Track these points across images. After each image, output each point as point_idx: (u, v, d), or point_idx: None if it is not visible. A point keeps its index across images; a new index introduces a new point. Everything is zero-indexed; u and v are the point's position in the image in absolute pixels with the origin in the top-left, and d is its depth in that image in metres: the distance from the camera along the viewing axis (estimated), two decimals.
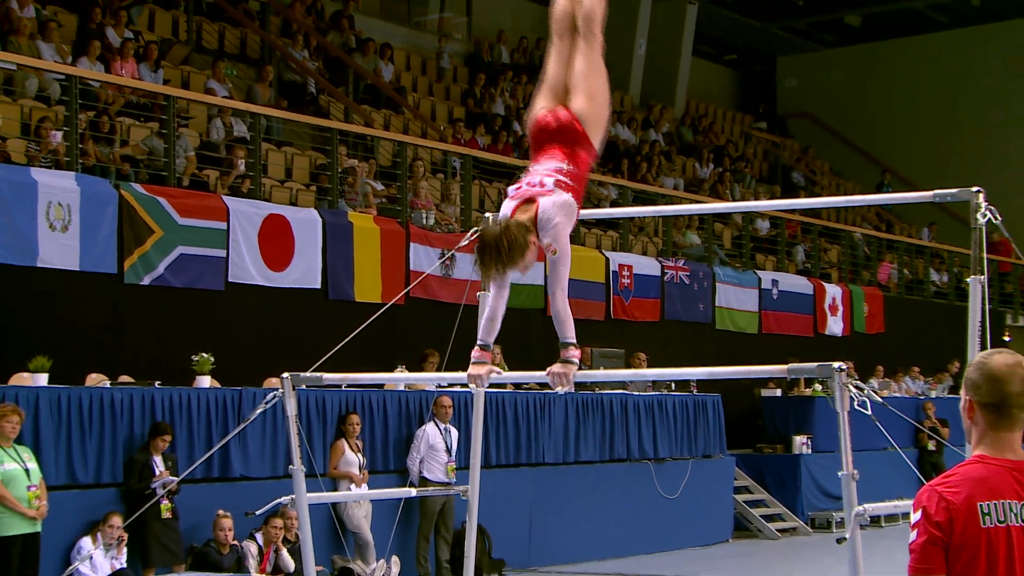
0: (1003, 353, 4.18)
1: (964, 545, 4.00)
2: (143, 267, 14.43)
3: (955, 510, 4.01)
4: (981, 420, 4.14)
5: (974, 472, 4.10)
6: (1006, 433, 4.11)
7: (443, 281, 17.16)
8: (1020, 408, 4.10)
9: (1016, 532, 4.02)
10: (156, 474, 12.32)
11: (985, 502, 4.02)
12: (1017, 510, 4.04)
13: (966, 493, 4.04)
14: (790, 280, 24.49)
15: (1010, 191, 31.05)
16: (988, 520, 4.01)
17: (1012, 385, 4.08)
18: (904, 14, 37.09)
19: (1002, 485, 4.06)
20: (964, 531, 4.01)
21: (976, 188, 7.88)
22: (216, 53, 20.77)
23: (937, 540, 4.01)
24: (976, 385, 4.13)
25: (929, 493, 4.07)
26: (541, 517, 16.61)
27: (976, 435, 4.17)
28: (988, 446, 4.13)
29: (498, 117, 24.85)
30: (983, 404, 4.12)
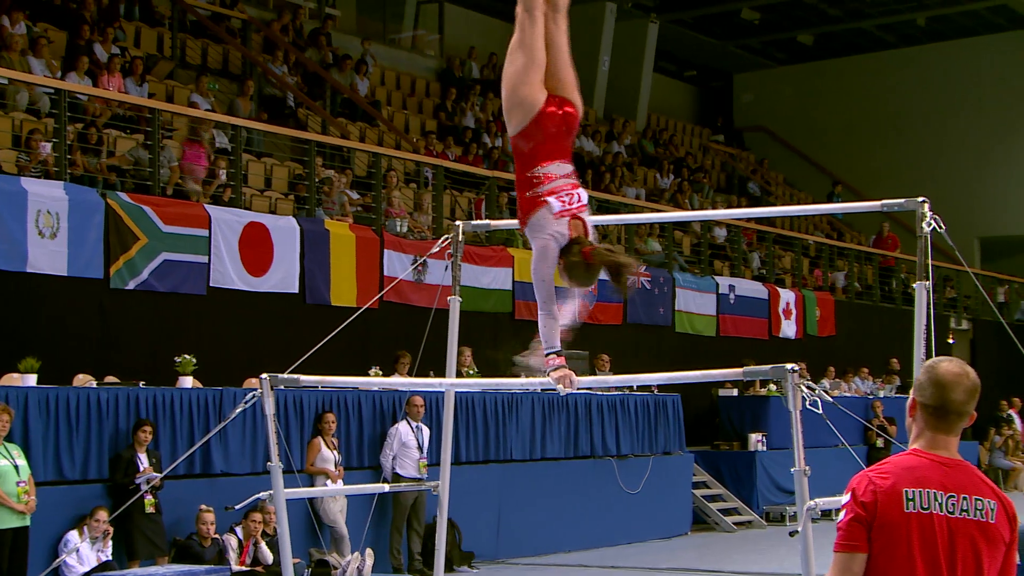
0: (952, 362, 4.41)
1: (886, 526, 4.20)
2: (128, 272, 14.57)
3: (880, 493, 4.19)
4: (922, 420, 4.35)
5: (905, 462, 4.27)
6: (943, 435, 4.33)
7: (415, 286, 17.33)
8: (959, 415, 4.33)
9: (939, 520, 4.22)
10: (140, 470, 12.49)
11: (910, 489, 4.20)
12: (942, 500, 4.23)
13: (893, 479, 4.21)
14: (746, 285, 24.74)
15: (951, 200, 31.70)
16: (911, 506, 4.20)
17: (955, 392, 4.31)
18: (854, 34, 37.57)
19: (929, 476, 4.24)
20: (887, 513, 4.19)
21: (921, 198, 8.17)
22: (199, 68, 20.96)
23: (862, 519, 4.20)
24: (923, 387, 4.35)
25: (860, 477, 4.26)
26: (509, 511, 16.80)
27: (915, 432, 4.37)
28: (924, 443, 4.32)
29: (468, 130, 25.18)
30: (925, 405, 4.33)
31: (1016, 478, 27.93)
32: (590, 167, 27.24)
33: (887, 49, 38.31)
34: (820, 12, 36.02)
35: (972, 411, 4.38)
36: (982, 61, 36.86)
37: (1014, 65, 36.65)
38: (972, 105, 36.85)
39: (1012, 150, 36.39)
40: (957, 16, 36.24)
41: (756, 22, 35.98)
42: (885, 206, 8.61)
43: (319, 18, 25.52)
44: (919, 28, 36.76)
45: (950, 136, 36.80)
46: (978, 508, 4.30)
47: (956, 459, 4.35)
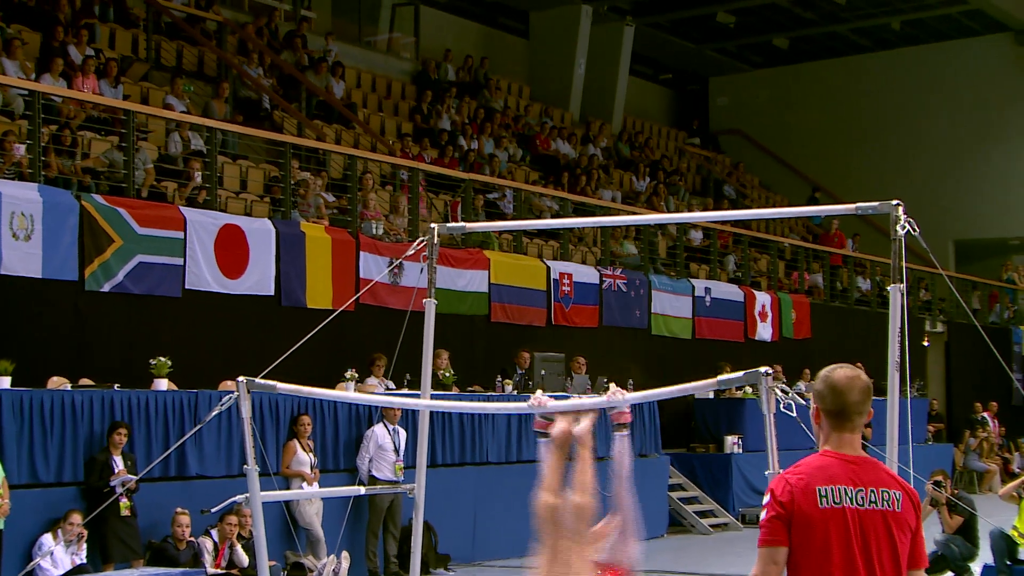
0: (844, 368, 4.88)
1: (803, 521, 4.70)
2: (103, 275, 14.54)
3: (796, 492, 4.70)
4: (826, 424, 4.87)
5: (816, 463, 4.80)
6: (847, 434, 4.83)
7: (391, 288, 17.35)
8: (858, 415, 4.82)
9: (851, 512, 4.72)
10: (115, 473, 12.45)
11: (823, 486, 4.71)
12: (852, 494, 4.73)
13: (807, 479, 4.72)
14: (722, 288, 24.81)
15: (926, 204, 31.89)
16: (824, 502, 4.70)
17: (851, 396, 4.82)
18: (829, 37, 37.81)
19: (839, 473, 4.75)
20: (803, 510, 4.69)
21: (896, 202, 8.21)
22: (174, 70, 20.94)
23: (782, 516, 4.71)
24: (822, 396, 4.86)
25: (778, 480, 4.78)
26: (485, 514, 16.81)
27: (823, 436, 4.88)
28: (832, 444, 4.83)
29: (444, 132, 25.23)
30: (827, 411, 4.85)
31: (991, 480, 28.05)
32: (566, 170, 27.35)
33: (862, 53, 38.54)
34: (795, 16, 36.18)
35: (869, 409, 4.85)
36: (957, 65, 37.08)
37: (989, 69, 36.89)
38: (947, 109, 37.07)
39: (987, 154, 36.61)
40: (932, 20, 36.45)
41: (732, 26, 36.13)
42: (860, 209, 8.63)
43: (294, 20, 25.54)
44: (894, 32, 36.99)
45: (925, 139, 37.04)
46: (885, 499, 4.76)
47: (862, 456, 4.84)
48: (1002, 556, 15.09)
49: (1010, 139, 36.61)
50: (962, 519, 15.42)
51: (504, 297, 19.62)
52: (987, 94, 36.79)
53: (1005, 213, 36.67)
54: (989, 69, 36.92)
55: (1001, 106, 36.69)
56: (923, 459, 19.41)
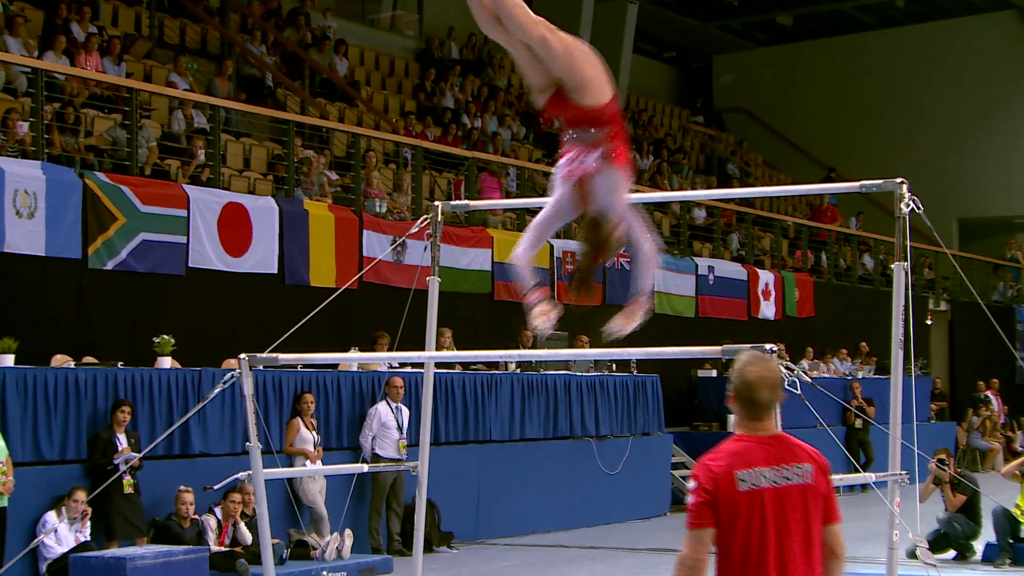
0: (756, 365, 5.20)
1: (727, 505, 5.03)
2: (107, 252, 14.52)
3: (719, 478, 5.05)
4: (739, 411, 5.21)
5: (732, 448, 5.14)
6: (757, 421, 5.18)
7: (394, 267, 17.33)
8: (766, 408, 5.18)
9: (768, 492, 5.07)
10: (119, 450, 12.47)
11: (741, 471, 5.05)
12: (769, 475, 5.08)
13: (727, 464, 5.07)
14: (725, 266, 24.82)
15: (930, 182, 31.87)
16: (743, 485, 5.04)
17: (760, 393, 5.15)
18: (833, 15, 37.76)
19: (754, 456, 5.09)
20: (726, 494, 5.03)
21: (900, 179, 8.23)
22: (177, 48, 20.91)
23: (708, 501, 5.03)
24: (735, 387, 5.20)
25: (700, 466, 5.13)
26: (488, 492, 16.85)
27: (737, 420, 5.23)
28: (744, 429, 5.19)
29: (448, 110, 25.18)
30: (740, 399, 5.19)
31: (993, 459, 28.08)
32: None
33: (867, 30, 38.48)
34: None
35: (779, 397, 5.22)
36: (962, 42, 37.01)
37: (993, 46, 36.82)
38: (952, 86, 37.01)
39: (991, 131, 36.56)
40: None
41: (736, 3, 36.09)
42: (864, 187, 8.65)
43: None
44: (898, 9, 36.94)
45: (929, 117, 37.00)
46: (798, 474, 5.12)
47: (775, 435, 5.22)
48: (1004, 534, 15.12)
49: (1014, 117, 36.56)
50: (965, 497, 15.44)
51: (508, 275, 19.59)
52: (991, 72, 36.73)
53: (1009, 191, 36.65)
54: (993, 47, 36.85)
55: (1005, 84, 36.65)
56: (926, 437, 19.37)
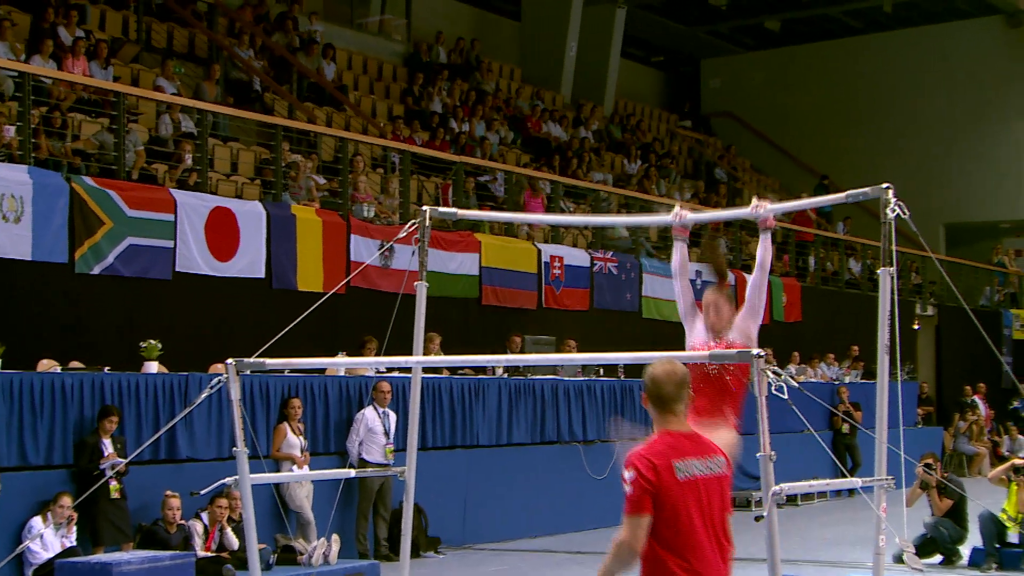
0: (663, 364, 5.73)
1: (665, 493, 5.48)
2: (93, 257, 14.50)
3: (659, 468, 5.49)
4: (654, 409, 5.71)
5: (666, 442, 5.62)
6: (674, 416, 5.68)
7: (382, 271, 17.34)
8: (676, 402, 5.67)
9: (701, 481, 5.58)
10: (105, 456, 12.45)
11: (678, 461, 5.55)
12: (699, 465, 5.60)
13: (665, 456, 5.54)
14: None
15: (917, 187, 31.98)
16: (680, 474, 5.53)
17: (666, 388, 5.67)
18: (821, 20, 37.84)
19: (685, 448, 5.61)
20: (666, 484, 5.49)
21: (886, 185, 8.20)
22: (165, 52, 20.88)
23: (648, 491, 5.46)
24: (647, 387, 5.72)
25: (639, 458, 5.54)
26: (475, 496, 16.84)
27: (655, 418, 5.72)
28: (666, 424, 5.67)
29: (435, 115, 25.19)
30: (650, 396, 5.71)
31: (980, 463, 28.13)
32: (557, 152, 27.35)
33: (854, 35, 38.59)
34: None
35: (688, 395, 5.72)
36: (949, 47, 37.12)
37: (981, 51, 36.93)
38: (939, 91, 37.11)
39: (979, 137, 36.67)
40: (924, 2, 36.52)
41: (724, 7, 36.11)
42: (850, 196, 8.64)
43: (286, 2, 25.46)
44: (886, 14, 37.00)
45: (917, 122, 37.10)
46: (717, 465, 5.68)
47: (691, 431, 5.76)
48: (991, 539, 15.14)
49: (1001, 122, 36.67)
50: (951, 502, 15.47)
51: (495, 280, 19.62)
52: (979, 76, 36.84)
53: (995, 196, 36.77)
54: (981, 51, 36.96)
55: (992, 89, 36.76)
56: (913, 442, 19.39)
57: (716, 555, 5.63)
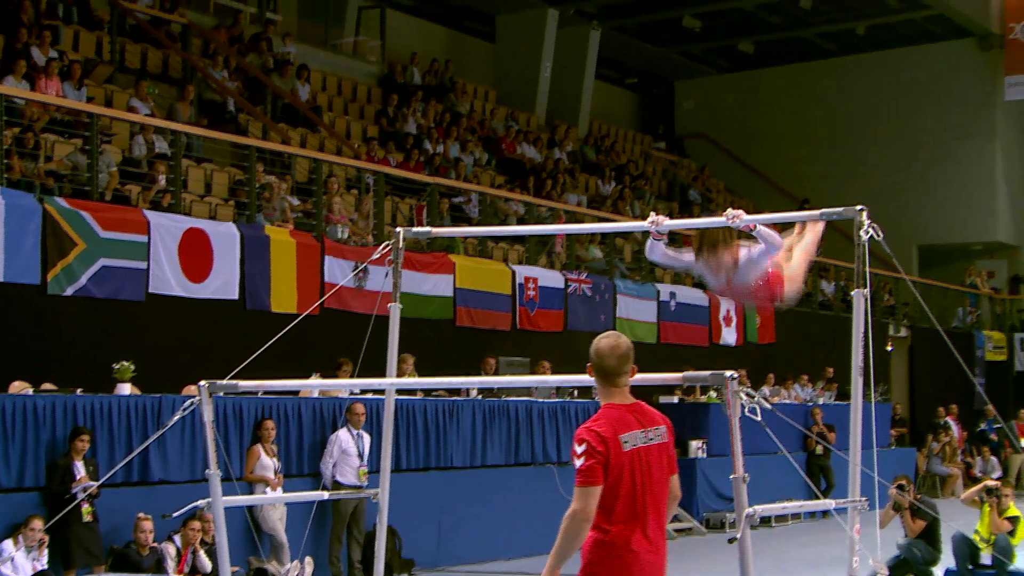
0: (608, 337, 6.16)
1: (615, 464, 5.90)
2: (66, 278, 14.42)
3: (608, 441, 5.90)
4: (599, 382, 6.13)
5: (611, 415, 6.03)
6: (616, 388, 6.11)
7: (356, 292, 17.28)
8: (619, 375, 6.09)
9: (643, 451, 6.03)
10: (77, 478, 12.36)
11: (623, 433, 5.96)
12: (641, 436, 6.02)
13: (612, 429, 5.94)
14: (687, 292, 24.79)
15: (891, 208, 32.15)
16: (627, 446, 5.96)
17: (609, 360, 6.07)
18: (794, 42, 38.03)
19: (628, 420, 6.02)
20: (615, 454, 5.90)
21: (859, 207, 8.21)
22: (139, 73, 20.83)
23: (600, 462, 5.88)
24: (591, 358, 6.10)
25: (587, 432, 5.94)
26: (450, 519, 16.75)
27: (601, 391, 6.15)
28: (610, 398, 6.10)
29: (410, 136, 25.19)
30: (595, 369, 6.12)
31: (953, 484, 28.21)
32: (532, 173, 27.38)
33: (827, 57, 38.79)
34: (761, 20, 36.34)
35: (631, 368, 6.12)
36: (921, 70, 37.35)
37: (952, 74, 37.18)
38: (911, 113, 37.34)
39: (951, 159, 36.88)
40: (896, 25, 36.72)
41: (697, 30, 36.26)
42: (824, 215, 8.64)
43: (260, 23, 25.47)
44: (859, 37, 37.26)
45: (890, 144, 37.32)
46: (658, 434, 6.12)
47: (634, 402, 6.15)
48: (964, 560, 15.16)
49: (973, 144, 36.90)
50: (925, 523, 15.48)
51: (469, 301, 19.62)
52: (951, 99, 37.08)
53: (968, 218, 36.99)
54: (953, 74, 37.21)
55: (965, 111, 37.00)
56: (887, 463, 19.46)
57: (653, 521, 6.06)
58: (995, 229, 37.49)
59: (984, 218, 37.20)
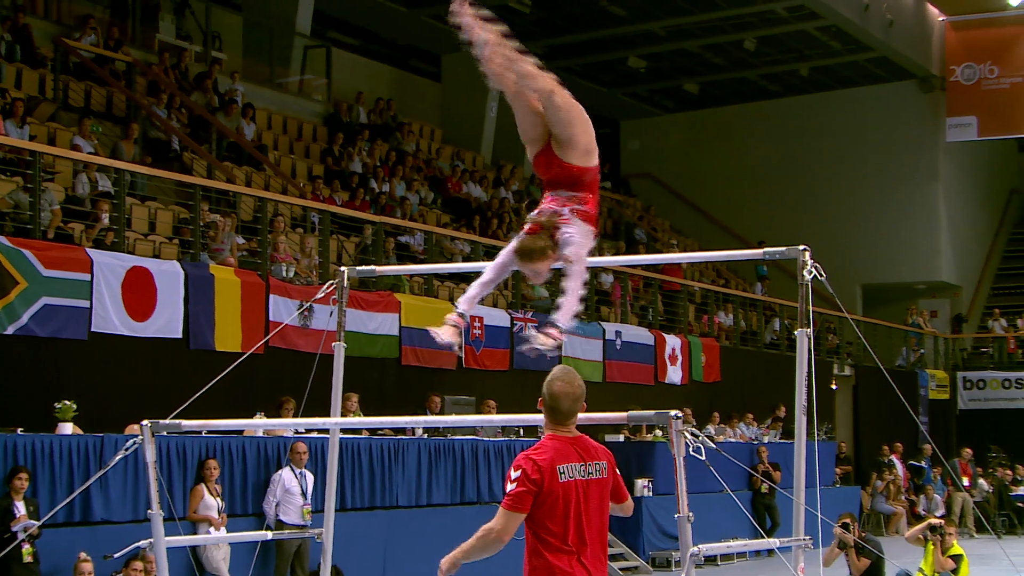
0: (563, 377, 6.24)
1: (549, 493, 6.02)
2: (7, 317, 14.24)
3: (544, 470, 6.03)
4: (548, 417, 6.24)
5: (552, 445, 6.16)
6: (563, 424, 6.23)
7: (301, 331, 17.23)
8: (569, 416, 6.22)
9: (580, 484, 6.12)
10: (16, 518, 12.23)
11: (561, 464, 6.08)
12: (580, 469, 6.13)
13: (550, 458, 6.08)
14: (632, 332, 24.86)
15: (835, 248, 32.43)
16: (563, 476, 6.07)
17: (563, 403, 6.19)
18: (738, 83, 38.39)
19: (568, 453, 6.15)
20: (549, 484, 6.03)
21: (803, 247, 8.26)
22: (82, 111, 20.69)
23: (531, 490, 6.02)
24: (545, 398, 6.21)
25: (525, 460, 6.09)
26: (395, 558, 16.67)
27: (547, 423, 6.26)
28: (554, 430, 6.23)
29: (355, 175, 25.19)
30: (547, 407, 6.22)
31: (897, 522, 28.35)
32: (478, 213, 27.40)
33: (771, 98, 39.16)
34: (705, 61, 36.66)
35: (581, 407, 6.25)
36: (864, 111, 37.81)
37: (894, 115, 37.64)
38: (854, 154, 37.73)
39: (893, 199, 37.26)
40: (839, 67, 37.14)
41: (642, 70, 36.52)
42: (767, 254, 8.70)
43: (205, 62, 25.40)
44: (802, 78, 37.66)
45: (834, 183, 37.70)
46: (598, 469, 6.21)
47: (577, 435, 6.26)
48: None
49: (915, 184, 37.31)
50: (869, 561, 15.53)
51: (415, 340, 19.56)
52: (894, 140, 37.51)
53: (911, 258, 37.38)
54: (895, 115, 37.67)
55: (907, 151, 37.45)
56: (831, 502, 19.55)
57: (594, 553, 6.16)
58: (938, 269, 37.88)
59: (927, 258, 37.59)
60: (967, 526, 27.61)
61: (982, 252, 41.22)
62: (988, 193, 41.66)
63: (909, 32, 35.85)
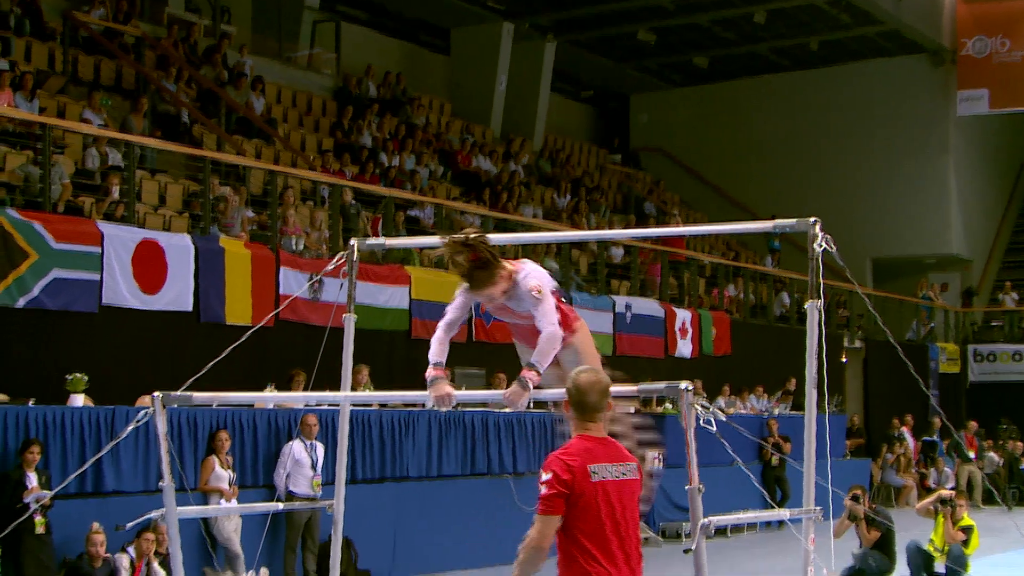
0: (588, 373, 6.15)
1: (580, 495, 5.86)
2: (18, 290, 14.32)
3: (575, 471, 5.88)
4: (574, 415, 6.09)
5: (582, 446, 6.00)
6: (592, 423, 6.08)
7: (311, 304, 17.27)
8: (596, 409, 6.07)
9: (612, 484, 5.97)
10: (29, 489, 12.30)
11: (592, 465, 5.93)
12: (611, 469, 5.98)
13: (580, 459, 5.92)
14: (642, 304, 24.80)
15: (845, 221, 32.35)
16: (595, 477, 5.91)
17: (590, 396, 6.06)
18: (748, 57, 38.24)
19: (600, 453, 6.00)
20: (581, 485, 5.87)
21: (813, 219, 8.17)
22: (92, 84, 20.70)
23: (563, 492, 5.85)
24: (570, 393, 6.09)
25: (555, 461, 5.92)
26: (405, 529, 16.72)
27: (574, 423, 6.10)
28: (584, 430, 6.06)
29: (365, 148, 25.17)
30: (573, 402, 6.09)
31: (907, 495, 28.38)
32: (487, 186, 27.40)
33: (781, 72, 39.04)
34: (715, 35, 36.53)
35: (607, 403, 6.10)
36: (874, 84, 37.65)
37: (904, 89, 37.50)
38: (865, 128, 37.63)
39: (904, 173, 37.18)
40: (849, 41, 36.98)
41: (652, 44, 36.39)
42: (777, 227, 8.66)
43: (214, 35, 25.39)
44: (812, 52, 37.50)
45: (843, 158, 37.57)
46: (629, 470, 6.07)
47: (606, 437, 6.14)
48: (918, 570, 15.28)
49: (926, 158, 37.20)
50: (879, 533, 15.58)
51: (425, 313, 19.58)
52: (904, 113, 37.39)
53: (922, 232, 37.30)
54: (905, 88, 37.53)
55: (917, 125, 37.32)
56: (841, 474, 19.57)
57: (625, 555, 6.02)
58: (948, 242, 37.79)
59: (937, 231, 37.51)
60: (974, 498, 27.62)
61: (992, 225, 41.11)
62: (998, 166, 41.53)
63: (920, 5, 35.70)
